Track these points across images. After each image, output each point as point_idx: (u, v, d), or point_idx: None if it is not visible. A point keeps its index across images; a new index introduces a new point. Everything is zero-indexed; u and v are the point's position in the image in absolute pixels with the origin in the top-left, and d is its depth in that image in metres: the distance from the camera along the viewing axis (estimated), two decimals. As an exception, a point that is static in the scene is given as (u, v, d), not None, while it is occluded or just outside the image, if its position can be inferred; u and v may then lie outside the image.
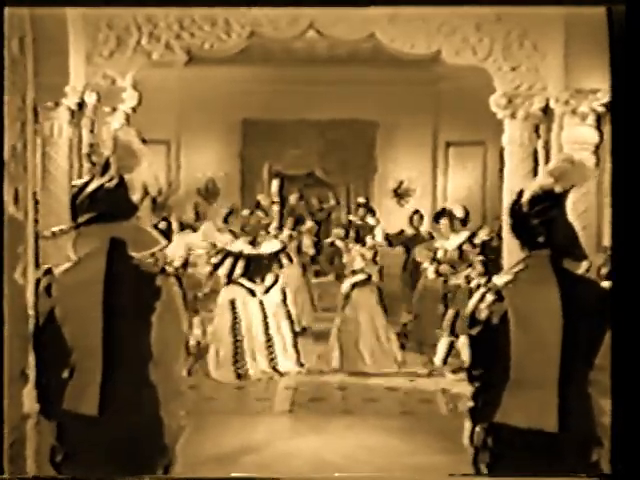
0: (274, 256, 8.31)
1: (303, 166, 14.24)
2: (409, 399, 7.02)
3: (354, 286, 8.32)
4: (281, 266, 8.32)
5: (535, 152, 9.22)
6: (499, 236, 9.93)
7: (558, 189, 2.39)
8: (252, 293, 8.14)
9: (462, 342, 7.64)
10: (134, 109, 9.19)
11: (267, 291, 8.20)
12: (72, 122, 8.82)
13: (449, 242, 9.45)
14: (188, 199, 13.38)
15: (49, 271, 2.54)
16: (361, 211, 12.49)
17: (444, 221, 10.05)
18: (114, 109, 8.95)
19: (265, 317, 8.08)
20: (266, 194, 13.85)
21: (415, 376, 7.83)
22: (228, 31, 8.85)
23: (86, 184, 2.60)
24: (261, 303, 8.12)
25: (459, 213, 10.39)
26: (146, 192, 10.20)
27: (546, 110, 9.01)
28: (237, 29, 8.85)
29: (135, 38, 8.85)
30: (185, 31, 8.85)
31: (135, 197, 2.64)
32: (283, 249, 8.47)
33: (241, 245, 8.37)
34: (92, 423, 2.49)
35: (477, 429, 2.50)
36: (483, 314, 2.48)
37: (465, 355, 7.69)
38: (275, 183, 14.62)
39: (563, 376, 2.40)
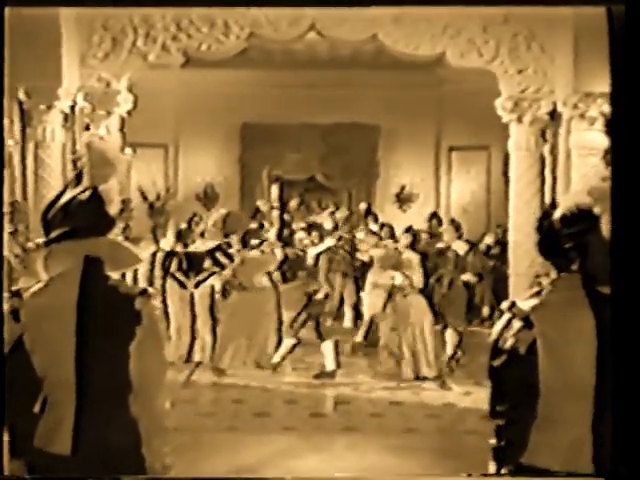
0: (209, 254, 8.69)
1: (304, 171, 14.00)
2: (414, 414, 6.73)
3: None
4: (220, 265, 8.61)
5: (542, 157, 8.99)
6: (503, 243, 9.69)
7: (597, 210, 2.11)
8: (183, 286, 8.72)
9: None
10: (129, 113, 8.96)
11: (197, 285, 8.69)
12: (65, 126, 8.59)
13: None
14: (186, 204, 13.15)
15: (17, 293, 2.27)
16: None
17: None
18: (109, 113, 8.71)
19: (193, 309, 8.68)
20: (266, 199, 13.64)
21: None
22: (226, 32, 8.62)
23: (59, 195, 2.32)
24: (192, 296, 8.66)
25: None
26: (144, 197, 10.01)
27: (553, 114, 8.79)
28: (236, 30, 8.62)
29: (131, 39, 8.63)
30: (182, 32, 8.63)
31: (112, 210, 2.35)
32: (218, 248, 8.76)
33: (175, 245, 9.13)
34: (65, 463, 2.22)
35: (503, 470, 2.22)
36: (508, 343, 2.20)
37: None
38: (275, 188, 14.42)
39: (598, 412, 2.12)
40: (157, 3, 7.91)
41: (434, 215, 12.34)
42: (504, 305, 2.25)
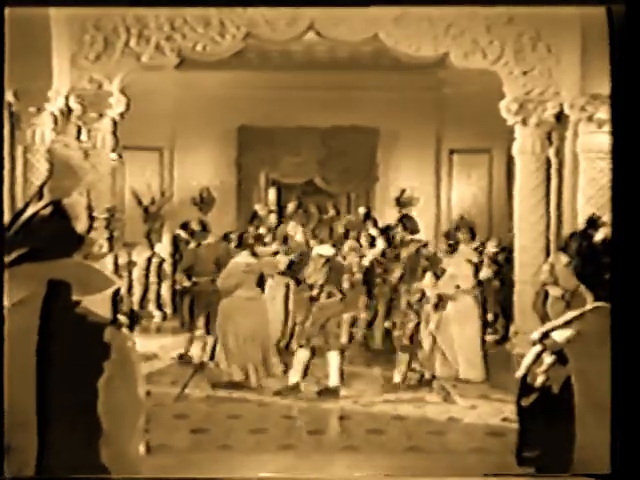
0: None
1: (302, 174, 13.73)
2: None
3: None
4: None
5: (548, 161, 8.73)
6: (510, 250, 9.42)
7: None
8: None
9: None
10: (122, 115, 8.68)
11: None
12: (55, 129, 8.32)
13: None
14: (182, 209, 12.89)
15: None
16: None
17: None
18: (101, 115, 8.44)
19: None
20: (263, 203, 13.38)
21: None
22: (222, 32, 8.35)
23: (21, 210, 2.03)
24: None
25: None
26: (139, 202, 9.76)
27: (560, 116, 8.53)
28: (232, 30, 8.36)
29: (123, 40, 8.36)
30: (176, 32, 8.36)
31: (80, 227, 2.06)
32: None
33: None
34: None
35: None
36: (539, 380, 1.92)
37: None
38: (272, 192, 14.16)
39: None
40: (151, 3, 7.65)
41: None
42: (534, 336, 1.96)
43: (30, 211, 2.03)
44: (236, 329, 7.84)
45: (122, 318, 2.01)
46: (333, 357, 7.47)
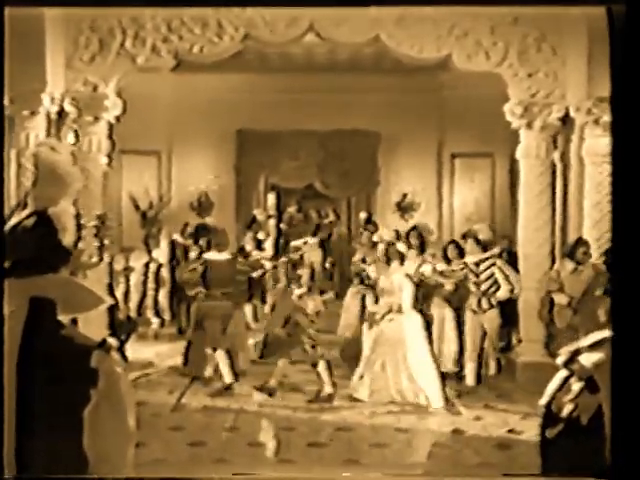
0: None
1: (301, 178, 13.58)
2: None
3: None
4: None
5: (553, 165, 8.55)
6: (513, 254, 9.24)
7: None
8: None
9: None
10: (118, 118, 8.50)
11: None
12: (50, 132, 8.14)
13: None
14: (180, 213, 12.72)
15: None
16: None
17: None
18: (96, 118, 8.27)
19: None
20: (262, 208, 13.23)
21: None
22: (220, 33, 8.19)
23: (4, 220, 1.83)
24: None
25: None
26: (136, 206, 9.53)
27: (565, 119, 8.37)
28: (230, 31, 8.20)
29: (119, 41, 8.20)
30: (173, 33, 8.20)
31: (67, 238, 1.86)
32: None
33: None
34: None
35: None
36: (566, 410, 1.73)
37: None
38: (272, 196, 14.01)
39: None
40: (147, 3, 7.48)
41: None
42: (560, 360, 1.77)
43: (13, 221, 1.83)
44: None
45: (111, 340, 1.79)
46: (220, 355, 7.73)
